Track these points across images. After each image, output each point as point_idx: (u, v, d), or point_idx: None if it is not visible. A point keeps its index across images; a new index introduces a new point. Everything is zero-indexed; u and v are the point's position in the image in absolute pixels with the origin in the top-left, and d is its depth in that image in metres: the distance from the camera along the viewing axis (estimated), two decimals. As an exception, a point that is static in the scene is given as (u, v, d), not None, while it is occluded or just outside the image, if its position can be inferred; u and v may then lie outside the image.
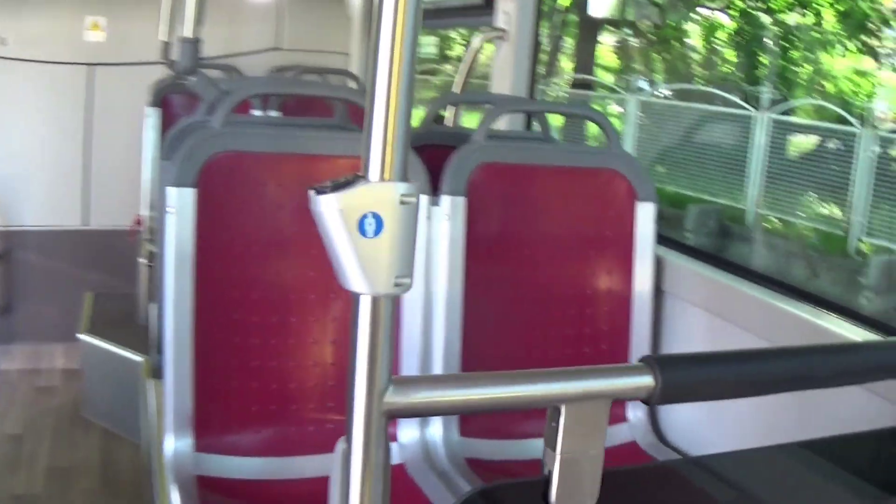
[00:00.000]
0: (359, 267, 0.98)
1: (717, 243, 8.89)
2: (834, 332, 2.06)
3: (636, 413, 2.51)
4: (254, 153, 2.20)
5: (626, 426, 2.50)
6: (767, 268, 7.65)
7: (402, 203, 0.99)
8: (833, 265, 7.95)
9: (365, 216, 0.98)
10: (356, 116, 3.68)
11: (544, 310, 2.49)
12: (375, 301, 1.00)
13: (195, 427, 2.13)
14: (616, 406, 2.51)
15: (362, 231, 0.97)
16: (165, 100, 4.15)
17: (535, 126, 3.38)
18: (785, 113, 9.34)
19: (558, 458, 1.06)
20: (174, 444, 2.10)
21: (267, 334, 2.20)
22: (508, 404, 1.06)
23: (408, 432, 2.32)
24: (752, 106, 9.39)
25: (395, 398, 1.00)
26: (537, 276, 2.49)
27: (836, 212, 8.42)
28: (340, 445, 1.02)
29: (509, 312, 2.47)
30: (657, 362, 1.11)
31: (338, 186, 0.98)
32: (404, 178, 0.99)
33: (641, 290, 2.51)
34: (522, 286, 2.48)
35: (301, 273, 2.22)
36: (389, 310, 1.00)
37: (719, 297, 2.42)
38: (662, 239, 2.61)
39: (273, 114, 3.51)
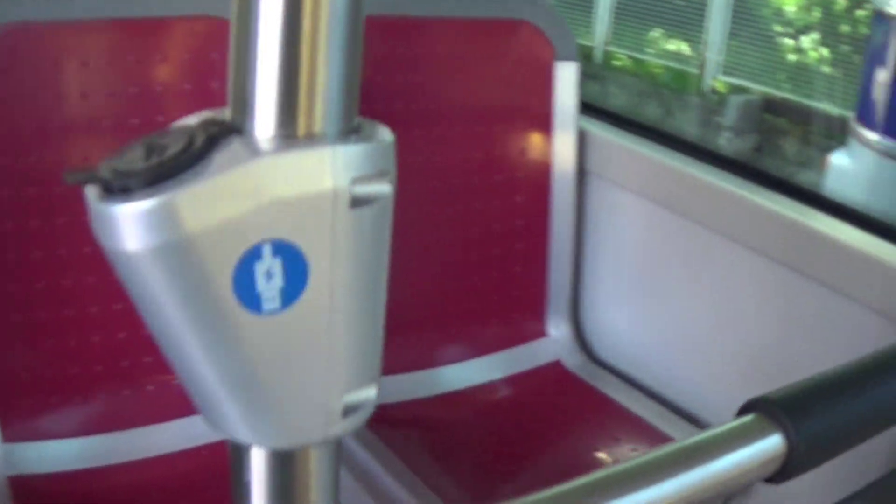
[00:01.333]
0: (241, 394, 0.38)
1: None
2: (792, 219, 1.64)
3: (558, 326, 2.04)
4: (43, 23, 1.50)
5: (549, 342, 2.03)
6: (620, 108, 7.28)
7: (357, 202, 0.41)
8: (687, 104, 7.69)
9: (255, 252, 0.37)
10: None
11: (441, 204, 1.95)
12: (292, 458, 0.41)
13: None
14: (533, 320, 2.04)
15: (247, 297, 0.37)
16: None
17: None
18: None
19: None
20: None
21: (80, 272, 1.58)
22: None
23: None
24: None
25: None
26: (431, 160, 1.93)
27: (689, 49, 8.10)
28: None
29: (396, 209, 1.92)
30: (783, 411, 0.61)
31: (161, 170, 0.37)
32: (351, 128, 0.42)
33: (564, 171, 2.00)
34: (411, 175, 1.92)
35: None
36: (331, 460, 0.42)
37: (657, 178, 1.95)
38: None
39: None
